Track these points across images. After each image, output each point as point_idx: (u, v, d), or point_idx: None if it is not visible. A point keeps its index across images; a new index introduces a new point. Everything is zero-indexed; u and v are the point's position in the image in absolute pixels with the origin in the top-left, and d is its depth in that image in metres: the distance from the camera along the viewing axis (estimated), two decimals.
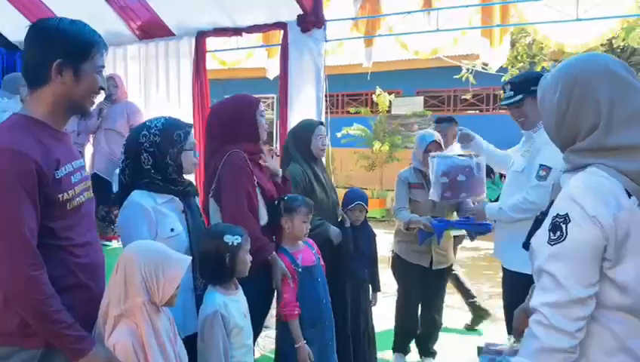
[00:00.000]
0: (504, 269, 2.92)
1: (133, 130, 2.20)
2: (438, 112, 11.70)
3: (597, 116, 1.32)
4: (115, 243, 4.99)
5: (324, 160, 3.47)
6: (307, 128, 3.19)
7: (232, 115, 2.65)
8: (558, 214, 1.30)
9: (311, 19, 4.37)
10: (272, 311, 2.84)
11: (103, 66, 1.76)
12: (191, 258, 1.78)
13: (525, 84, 2.72)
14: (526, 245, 1.48)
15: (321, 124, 3.24)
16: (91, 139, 5.46)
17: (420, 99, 12.21)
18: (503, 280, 2.96)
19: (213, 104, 2.84)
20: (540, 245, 1.34)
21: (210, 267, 2.12)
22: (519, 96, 2.74)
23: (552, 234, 1.30)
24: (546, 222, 1.34)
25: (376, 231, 3.47)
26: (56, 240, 1.65)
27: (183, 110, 4.99)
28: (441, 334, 3.81)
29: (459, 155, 3.20)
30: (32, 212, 1.57)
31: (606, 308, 1.30)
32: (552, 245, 1.29)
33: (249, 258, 2.20)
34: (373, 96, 11.15)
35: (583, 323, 1.28)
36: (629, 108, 1.31)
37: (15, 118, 1.68)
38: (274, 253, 2.58)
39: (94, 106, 1.84)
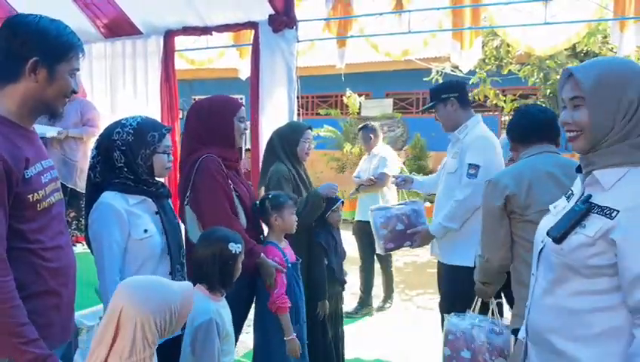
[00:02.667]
0: (442, 264, 3.09)
1: (108, 126, 2.12)
2: (407, 114, 11.80)
3: None
4: (79, 248, 4.83)
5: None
6: (295, 130, 3.15)
7: (209, 116, 2.60)
8: None
9: (282, 19, 4.32)
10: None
11: (78, 69, 1.70)
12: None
13: (437, 93, 3.06)
14: (557, 239, 1.47)
15: (310, 128, 3.20)
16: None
17: (390, 101, 12.27)
18: (440, 274, 3.15)
19: (195, 101, 2.76)
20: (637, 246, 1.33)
21: (212, 273, 2.07)
22: (431, 103, 3.10)
23: None
24: (635, 222, 1.34)
25: (346, 232, 3.46)
26: (26, 243, 1.57)
27: (151, 111, 4.87)
28: None
29: (398, 204, 3.32)
30: (1, 214, 1.49)
31: None
32: None
33: (241, 265, 2.17)
34: (344, 97, 11.16)
35: None
36: None
37: None
38: (262, 254, 2.55)
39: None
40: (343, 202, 3.27)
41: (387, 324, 4.76)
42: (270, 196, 2.71)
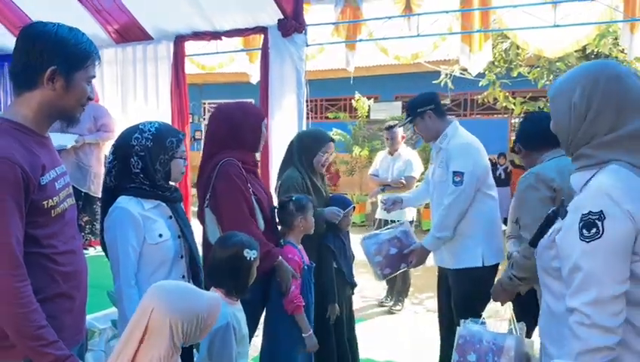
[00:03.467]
0: (449, 271, 3.10)
1: (124, 131, 2.14)
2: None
3: (616, 113, 1.39)
4: (92, 251, 4.88)
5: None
6: (316, 140, 3.09)
7: (239, 120, 2.64)
8: (590, 211, 1.32)
9: (292, 24, 4.35)
10: None
11: (94, 76, 1.73)
12: (218, 296, 1.69)
13: (413, 108, 3.14)
14: (534, 243, 1.55)
15: (332, 140, 3.17)
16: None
17: (398, 104, 12.28)
18: (444, 280, 3.18)
19: (221, 106, 2.80)
20: (569, 243, 1.36)
21: (227, 278, 2.09)
22: (409, 118, 3.18)
23: (585, 232, 1.31)
24: (572, 221, 1.36)
25: (356, 236, 3.46)
26: (40, 248, 1.60)
27: (161, 115, 4.91)
28: None
29: (386, 228, 3.32)
30: (19, 222, 1.53)
31: (631, 305, 1.32)
32: (587, 242, 1.31)
33: (255, 271, 2.19)
34: (352, 101, 11.18)
35: (622, 318, 1.30)
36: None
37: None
38: (280, 257, 2.58)
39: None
40: (354, 207, 3.27)
41: (397, 328, 4.76)
42: (294, 198, 2.73)
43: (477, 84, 7.74)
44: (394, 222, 3.75)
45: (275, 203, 2.91)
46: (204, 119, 14.71)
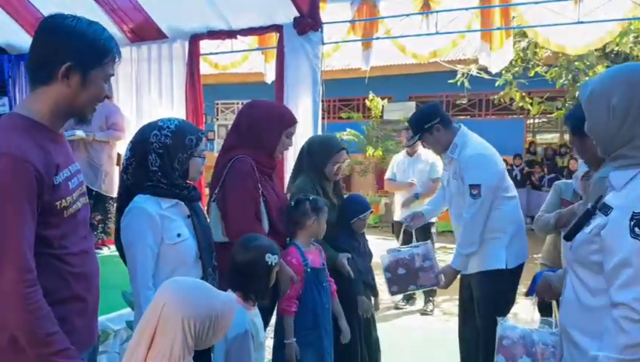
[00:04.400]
0: (470, 275, 3.02)
1: (143, 127, 2.07)
2: None
3: None
4: (106, 251, 4.85)
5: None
6: (326, 150, 2.93)
7: (261, 121, 2.59)
8: None
9: (308, 22, 4.29)
10: None
11: (112, 74, 1.66)
12: (235, 295, 1.61)
13: (419, 125, 3.06)
14: (569, 237, 1.58)
15: (344, 149, 3.01)
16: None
17: (412, 104, 12.17)
18: (465, 285, 3.12)
19: (253, 101, 2.74)
20: (616, 239, 1.39)
21: (246, 282, 2.04)
22: (417, 136, 3.10)
23: (637, 230, 1.35)
24: (620, 217, 1.39)
25: (369, 237, 3.38)
26: (51, 249, 1.54)
27: (176, 115, 4.87)
28: None
29: (407, 247, 3.20)
30: (32, 224, 1.47)
31: None
32: (639, 240, 1.34)
33: (275, 277, 2.14)
34: (366, 101, 11.10)
35: None
36: None
37: (12, 119, 1.57)
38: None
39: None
40: (372, 211, 3.20)
41: (417, 330, 4.67)
42: (310, 198, 2.66)
43: (493, 84, 7.63)
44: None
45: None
46: (217, 119, 14.70)
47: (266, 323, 2.63)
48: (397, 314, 5.10)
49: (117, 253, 2.11)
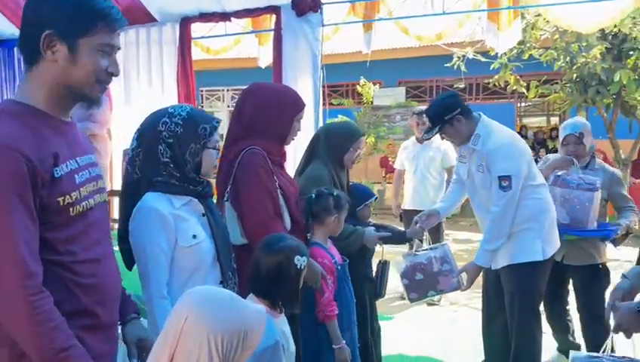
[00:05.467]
0: (501, 269, 2.88)
1: (151, 115, 1.85)
2: (422, 103, 11.52)
3: None
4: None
5: None
6: (348, 136, 2.84)
7: (271, 107, 2.35)
8: None
9: (307, 2, 4.09)
10: None
11: (112, 46, 1.40)
12: (264, 309, 1.39)
13: (439, 116, 2.89)
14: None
15: (364, 135, 2.93)
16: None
17: (402, 89, 12.01)
18: (491, 280, 3.01)
19: (256, 85, 2.47)
20: None
21: (273, 287, 1.84)
22: (437, 128, 2.93)
23: None
24: None
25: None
26: (55, 255, 1.33)
27: (167, 102, 4.62)
28: None
29: (423, 249, 3.03)
30: (28, 220, 1.25)
31: None
32: None
33: (303, 280, 1.94)
34: (358, 86, 10.90)
35: None
36: None
37: (4, 104, 1.37)
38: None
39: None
40: (376, 198, 3.06)
41: (421, 321, 4.55)
42: (335, 194, 2.49)
43: (486, 68, 7.48)
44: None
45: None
46: (202, 107, 14.40)
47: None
48: (402, 306, 4.97)
49: (118, 251, 1.89)
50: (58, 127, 1.39)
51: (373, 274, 3.01)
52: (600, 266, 3.26)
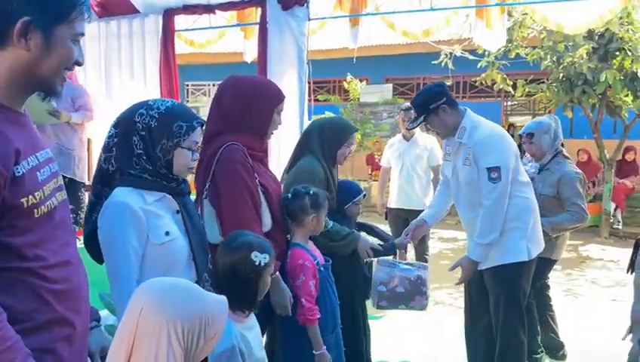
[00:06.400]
0: (486, 270, 2.84)
1: (132, 106, 1.77)
2: (409, 100, 11.49)
3: None
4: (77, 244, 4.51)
5: None
6: (342, 132, 2.79)
7: (249, 100, 2.27)
8: None
9: None
10: None
11: (83, 34, 1.33)
12: (226, 299, 1.30)
13: (424, 104, 2.83)
14: None
15: (357, 130, 2.91)
16: None
17: (389, 86, 11.96)
18: (476, 279, 2.92)
19: (233, 78, 2.39)
20: None
21: (231, 288, 1.73)
22: (421, 118, 2.87)
23: None
24: None
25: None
26: (23, 262, 1.21)
27: (149, 96, 4.52)
28: None
29: (406, 263, 2.97)
30: None
31: None
32: None
33: (269, 280, 1.84)
34: (344, 83, 10.83)
35: None
36: None
37: None
38: (277, 272, 2.21)
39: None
40: (365, 195, 2.99)
41: (408, 321, 4.50)
42: (312, 192, 2.38)
43: (472, 66, 7.46)
44: (410, 211, 3.46)
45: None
46: (188, 101, 14.24)
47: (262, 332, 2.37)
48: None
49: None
50: (15, 119, 1.28)
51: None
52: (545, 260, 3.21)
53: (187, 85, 14.65)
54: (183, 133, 1.70)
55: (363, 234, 2.80)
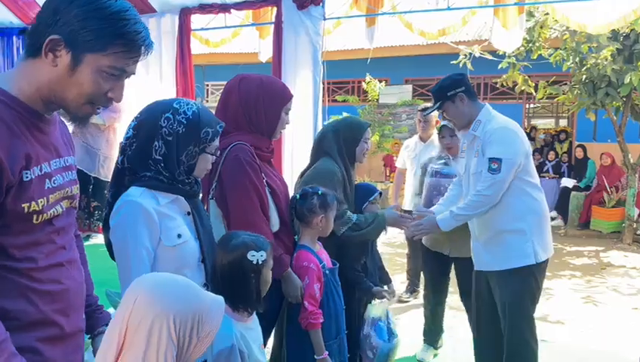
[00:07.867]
0: (490, 273, 2.78)
1: (153, 105, 1.73)
2: (428, 102, 11.39)
3: None
4: (93, 239, 4.57)
5: None
6: (356, 129, 2.77)
7: (256, 99, 2.25)
8: None
9: None
10: None
11: (124, 71, 1.26)
12: (223, 299, 1.28)
13: (441, 91, 2.80)
14: None
15: (369, 125, 2.89)
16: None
17: (409, 87, 11.86)
18: (482, 284, 2.87)
19: (241, 76, 2.35)
20: None
21: (231, 288, 1.70)
22: (437, 104, 2.83)
23: None
24: None
25: None
26: (10, 261, 1.20)
27: (164, 95, 4.54)
28: None
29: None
30: None
31: None
32: None
33: (270, 275, 1.80)
34: (363, 83, 10.77)
35: None
36: None
37: None
38: (289, 268, 2.20)
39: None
40: (381, 193, 2.96)
41: (417, 329, 4.44)
42: (320, 192, 2.35)
43: (493, 67, 7.34)
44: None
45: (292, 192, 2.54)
46: (207, 101, 14.33)
47: (268, 333, 2.34)
48: (400, 308, 4.86)
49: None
50: (37, 124, 1.26)
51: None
52: None
53: (207, 85, 14.76)
54: (209, 140, 1.70)
55: (389, 209, 2.82)
